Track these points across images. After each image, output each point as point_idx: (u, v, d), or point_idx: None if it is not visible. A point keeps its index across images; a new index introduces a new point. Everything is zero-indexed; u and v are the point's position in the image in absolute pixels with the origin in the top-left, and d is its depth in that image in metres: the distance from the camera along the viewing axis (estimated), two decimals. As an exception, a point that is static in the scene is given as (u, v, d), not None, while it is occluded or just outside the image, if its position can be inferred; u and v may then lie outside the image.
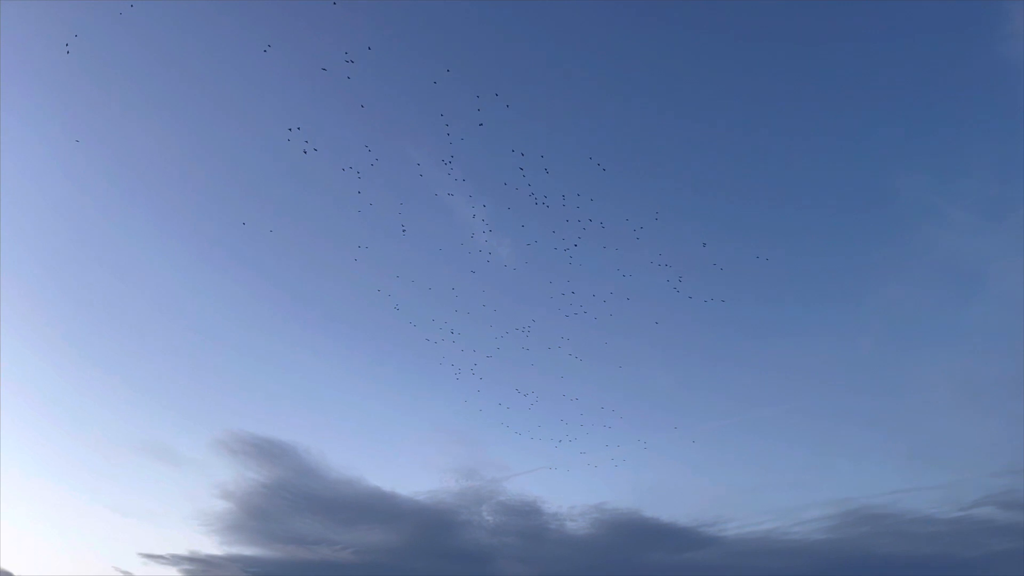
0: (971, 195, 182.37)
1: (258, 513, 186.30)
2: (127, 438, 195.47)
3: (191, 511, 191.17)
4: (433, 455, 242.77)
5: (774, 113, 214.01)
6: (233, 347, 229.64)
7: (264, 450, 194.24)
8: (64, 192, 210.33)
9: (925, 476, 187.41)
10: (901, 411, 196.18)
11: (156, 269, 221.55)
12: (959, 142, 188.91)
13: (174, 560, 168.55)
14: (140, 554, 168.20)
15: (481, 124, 75.50)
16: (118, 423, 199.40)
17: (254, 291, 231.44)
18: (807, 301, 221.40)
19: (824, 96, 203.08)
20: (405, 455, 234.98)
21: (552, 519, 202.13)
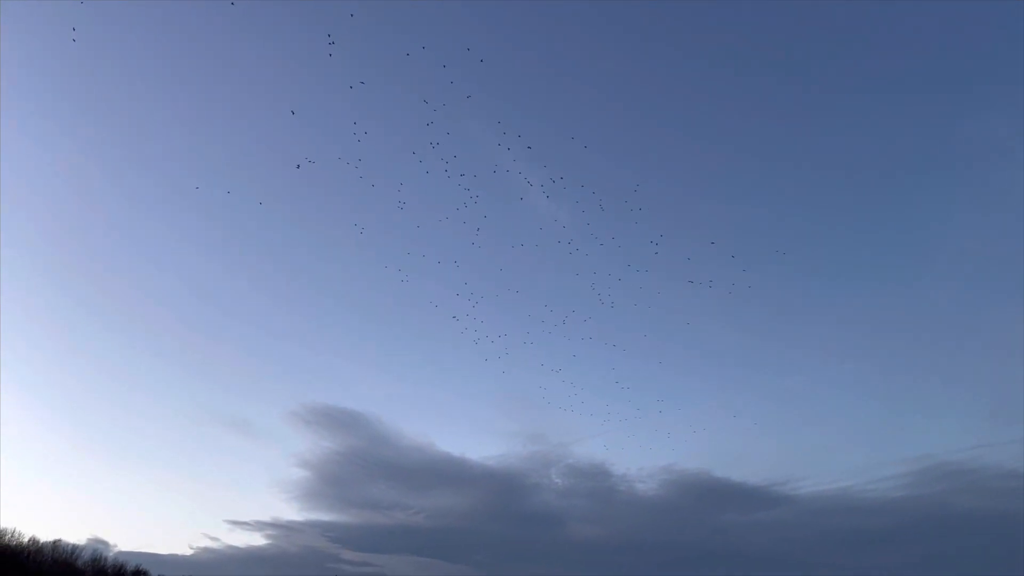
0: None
1: (334, 480, 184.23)
2: (209, 415, 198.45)
3: (271, 480, 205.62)
4: (500, 421, 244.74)
5: (836, 50, 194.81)
6: (301, 323, 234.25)
7: (337, 420, 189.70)
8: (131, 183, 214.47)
9: (1007, 430, 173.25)
10: (980, 363, 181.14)
11: (222, 257, 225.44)
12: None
13: (258, 526, 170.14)
14: (226, 521, 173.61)
15: (469, 96, 69.24)
16: (199, 401, 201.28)
17: (317, 273, 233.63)
18: (876, 252, 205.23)
19: (891, 32, 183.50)
20: (473, 422, 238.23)
21: (621, 481, 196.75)
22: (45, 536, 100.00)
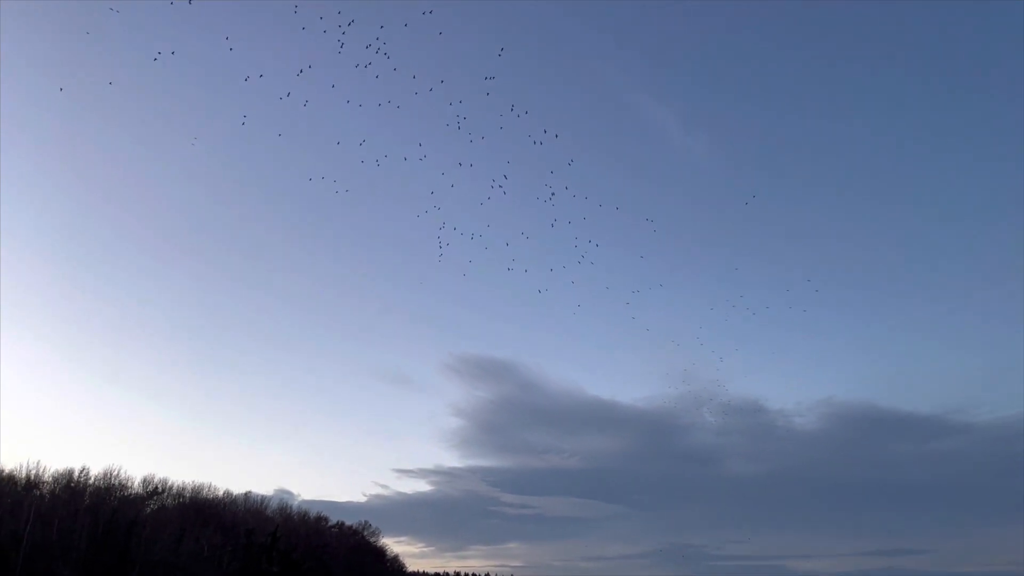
0: None
1: (489, 427, 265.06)
2: (371, 373, 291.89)
3: (431, 429, 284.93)
4: (647, 362, 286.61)
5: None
6: (446, 279, 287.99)
7: (487, 369, 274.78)
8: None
9: None
10: None
11: (371, 223, 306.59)
12: None
13: (422, 473, 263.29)
14: (393, 469, 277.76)
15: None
16: (363, 361, 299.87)
17: (459, 228, 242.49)
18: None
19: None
20: (619, 364, 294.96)
21: (778, 416, 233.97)
22: (237, 489, 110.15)
